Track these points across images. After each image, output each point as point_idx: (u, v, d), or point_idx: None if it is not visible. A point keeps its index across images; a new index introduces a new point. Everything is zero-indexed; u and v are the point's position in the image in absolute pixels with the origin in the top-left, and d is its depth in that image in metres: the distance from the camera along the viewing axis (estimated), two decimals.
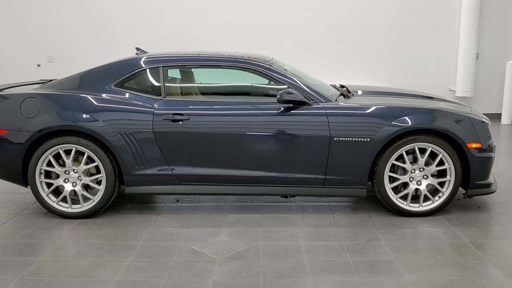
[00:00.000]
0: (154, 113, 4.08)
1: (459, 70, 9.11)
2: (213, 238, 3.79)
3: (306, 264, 3.34)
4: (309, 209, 4.44)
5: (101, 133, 4.03)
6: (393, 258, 3.42)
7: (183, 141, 4.09)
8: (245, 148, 4.11)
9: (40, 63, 9.53)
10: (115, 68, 4.32)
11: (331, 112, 4.07)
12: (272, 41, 9.03)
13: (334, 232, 3.91)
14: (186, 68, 4.59)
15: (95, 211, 4.20)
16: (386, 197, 4.14)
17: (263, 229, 3.98)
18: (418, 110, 4.12)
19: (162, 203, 4.61)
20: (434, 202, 4.17)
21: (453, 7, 9.08)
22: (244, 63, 4.25)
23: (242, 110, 4.14)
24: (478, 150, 4.07)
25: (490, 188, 4.25)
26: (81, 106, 4.10)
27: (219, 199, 4.70)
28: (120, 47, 9.16)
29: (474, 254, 3.47)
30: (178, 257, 3.47)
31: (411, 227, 3.99)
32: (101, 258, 3.45)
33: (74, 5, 9.27)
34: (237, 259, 3.43)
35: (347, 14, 9.14)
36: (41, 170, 4.13)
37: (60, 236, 3.86)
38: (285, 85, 4.18)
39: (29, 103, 4.11)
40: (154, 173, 4.15)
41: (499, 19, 9.15)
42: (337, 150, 4.05)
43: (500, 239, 3.74)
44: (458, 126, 4.07)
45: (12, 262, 3.38)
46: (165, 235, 3.87)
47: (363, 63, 9.27)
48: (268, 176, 4.14)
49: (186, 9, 9.19)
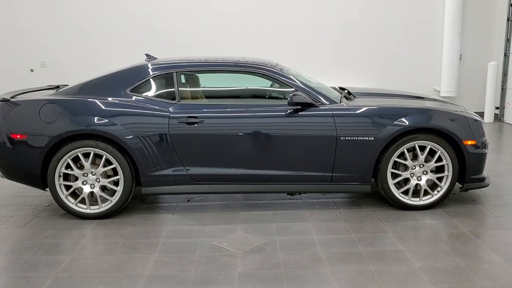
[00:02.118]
0: (169, 117, 4.27)
1: (443, 71, 9.49)
2: (230, 234, 4.00)
3: (322, 255, 3.58)
4: (316, 205, 4.68)
5: (119, 137, 4.21)
6: (401, 248, 3.69)
7: (197, 142, 4.30)
8: (256, 148, 4.34)
9: (33, 68, 9.57)
10: (130, 74, 4.50)
11: (337, 113, 4.33)
12: (265, 44, 9.28)
13: (343, 226, 4.16)
14: (199, 73, 4.78)
15: (113, 211, 4.37)
16: (389, 192, 4.42)
17: (276, 224, 4.20)
18: (418, 110, 4.41)
19: (174, 203, 4.80)
20: (434, 196, 4.46)
21: (437, 11, 9.47)
22: (255, 68, 4.49)
23: (253, 112, 4.37)
24: (473, 147, 4.38)
25: (484, 182, 4.57)
26: (98, 111, 4.27)
27: (229, 198, 4.91)
28: (113, 52, 9.30)
29: (475, 243, 3.77)
30: (201, 252, 3.67)
31: (413, 219, 4.27)
32: (128, 255, 3.64)
33: (67, 10, 9.35)
34: (257, 252, 3.66)
35: (335, 18, 9.44)
36: (60, 173, 4.28)
37: (82, 235, 4.03)
38: (293, 88, 4.42)
39: (48, 108, 4.26)
40: (169, 173, 4.35)
41: (480, 23, 9.58)
42: (343, 149, 4.31)
43: (497, 229, 4.05)
44: (455, 124, 4.37)
45: (43, 261, 3.54)
46: (183, 232, 4.06)
47: (351, 65, 9.58)
48: (279, 175, 4.38)
49: (176, 14, 9.36)
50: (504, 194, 4.91)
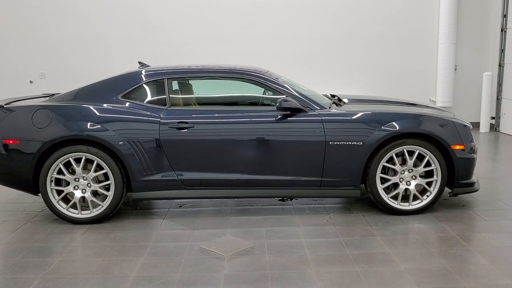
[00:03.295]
0: (160, 122, 4.33)
1: (439, 81, 9.56)
2: (219, 238, 4.03)
3: (309, 257, 3.60)
4: (306, 210, 4.71)
5: (110, 142, 4.26)
6: (388, 251, 3.71)
7: (187, 147, 4.34)
8: (246, 153, 4.39)
9: (33, 80, 9.68)
10: (122, 80, 4.57)
11: (326, 118, 4.37)
12: (262, 54, 9.39)
13: (332, 230, 4.19)
14: (190, 79, 4.85)
15: (104, 216, 4.40)
16: (378, 197, 4.44)
17: (265, 229, 4.23)
18: (406, 115, 4.45)
19: (166, 209, 4.83)
20: (423, 200, 4.48)
21: (432, 22, 9.57)
22: (245, 74, 4.56)
23: (242, 118, 4.42)
24: (461, 151, 4.41)
25: (473, 187, 4.59)
26: (90, 116, 4.33)
27: (220, 203, 4.95)
28: (112, 64, 9.39)
29: (462, 245, 3.78)
30: (189, 255, 3.70)
31: (402, 224, 4.29)
32: (116, 258, 3.67)
33: (66, 22, 9.49)
34: (244, 255, 3.68)
35: (332, 29, 9.56)
36: (52, 178, 4.32)
37: (72, 239, 4.06)
38: (283, 94, 4.48)
39: (41, 114, 4.33)
40: (160, 178, 4.39)
41: (475, 33, 9.67)
42: (332, 153, 4.35)
43: (485, 232, 4.06)
44: (443, 129, 4.41)
45: (32, 263, 3.57)
46: (173, 236, 4.09)
47: (348, 75, 9.67)
48: (269, 179, 4.41)
49: (176, 26, 9.50)
50: (494, 200, 4.93)
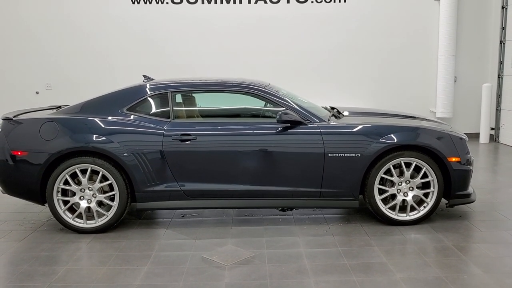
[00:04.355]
0: (164, 134, 4.46)
1: (439, 92, 9.67)
2: (220, 248, 4.14)
3: (307, 267, 3.71)
4: (306, 221, 4.81)
5: (115, 153, 4.39)
6: (385, 261, 3.81)
7: (190, 159, 4.47)
8: (247, 164, 4.51)
9: (39, 91, 9.84)
10: (127, 93, 4.71)
11: (325, 131, 4.49)
12: (263, 66, 9.54)
13: (331, 240, 4.29)
14: (193, 93, 4.99)
15: (109, 226, 4.52)
16: (376, 207, 4.55)
17: (266, 239, 4.33)
18: (403, 128, 4.57)
19: (168, 219, 4.95)
20: (420, 211, 4.58)
21: (431, 34, 9.71)
22: (247, 88, 4.70)
23: (243, 130, 4.55)
24: (457, 163, 4.52)
25: (470, 198, 4.69)
26: (96, 128, 4.46)
27: (222, 214, 5.06)
28: (116, 76, 9.55)
29: (457, 256, 3.88)
30: (191, 264, 3.80)
31: (400, 234, 4.39)
32: (120, 266, 3.78)
33: (71, 35, 9.67)
34: (245, 264, 3.79)
35: (331, 40, 9.70)
36: (59, 188, 4.45)
37: (78, 248, 4.17)
38: (283, 107, 4.61)
39: (48, 126, 4.46)
40: (163, 189, 4.51)
41: (474, 45, 9.80)
42: (331, 165, 4.46)
43: (480, 243, 4.16)
44: (439, 142, 4.52)
45: (39, 272, 3.69)
46: (176, 246, 4.20)
47: (347, 87, 9.79)
48: (270, 190, 4.53)
49: (179, 38, 9.66)
50: (491, 210, 5.03)
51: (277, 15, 9.65)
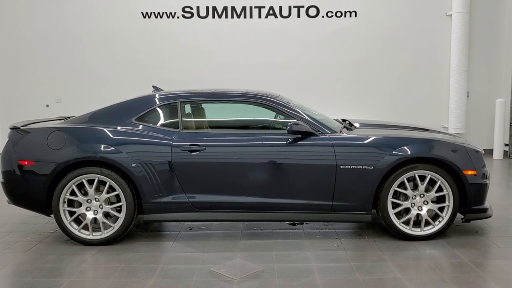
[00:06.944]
0: (172, 145, 4.38)
1: (451, 107, 9.55)
2: (229, 261, 4.02)
3: (319, 282, 3.57)
4: (317, 235, 4.68)
5: (123, 164, 4.31)
6: (399, 276, 3.66)
7: (199, 170, 4.38)
8: (257, 176, 4.40)
9: (49, 104, 9.88)
10: (136, 103, 4.65)
11: (337, 142, 4.39)
12: (273, 81, 9.48)
13: (343, 255, 4.15)
14: (202, 103, 4.93)
15: (115, 238, 4.42)
16: (389, 222, 4.41)
17: (275, 253, 4.21)
18: (417, 140, 4.45)
19: (176, 231, 4.84)
20: (435, 226, 4.44)
21: (444, 49, 9.63)
22: (257, 98, 4.62)
23: (253, 141, 4.46)
24: (473, 177, 4.38)
25: (486, 213, 4.53)
26: (104, 138, 4.40)
27: (230, 227, 4.95)
28: (125, 89, 9.51)
29: (475, 272, 3.72)
30: (198, 277, 3.69)
31: (414, 249, 4.24)
32: (126, 279, 3.67)
33: (81, 49, 9.74)
34: (254, 278, 3.66)
35: (343, 56, 9.66)
36: (65, 199, 4.38)
37: (83, 260, 4.08)
38: (294, 118, 4.52)
39: (56, 136, 4.41)
40: (171, 201, 4.41)
41: (487, 60, 9.69)
42: (343, 177, 4.35)
43: (498, 259, 4.00)
44: (455, 154, 4.40)
45: (42, 283, 3.59)
46: (183, 259, 4.09)
47: (359, 102, 9.71)
48: (280, 203, 4.41)
49: (184, 52, 9.69)
50: (508, 226, 4.87)
51: (288, 29, 9.64)
